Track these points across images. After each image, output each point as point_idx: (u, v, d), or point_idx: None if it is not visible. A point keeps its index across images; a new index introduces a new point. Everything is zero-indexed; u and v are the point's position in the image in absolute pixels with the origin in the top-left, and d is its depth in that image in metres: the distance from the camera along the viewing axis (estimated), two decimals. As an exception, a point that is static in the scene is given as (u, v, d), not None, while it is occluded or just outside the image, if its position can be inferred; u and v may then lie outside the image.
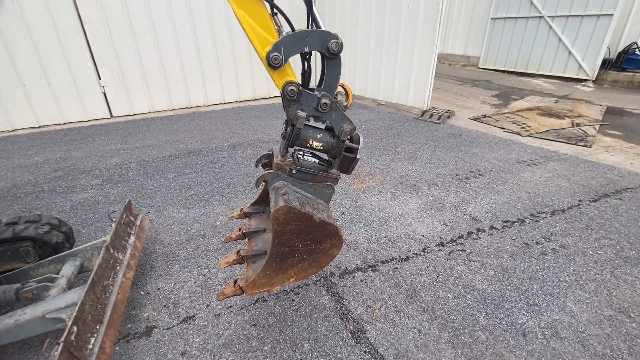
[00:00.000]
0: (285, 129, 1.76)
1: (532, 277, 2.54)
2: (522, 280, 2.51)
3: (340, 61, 1.59)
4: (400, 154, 4.85)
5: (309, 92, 1.61)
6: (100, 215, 3.44)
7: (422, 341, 2.05)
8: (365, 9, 7.35)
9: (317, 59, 1.66)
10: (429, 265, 2.66)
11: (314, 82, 1.59)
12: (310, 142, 1.72)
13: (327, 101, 1.61)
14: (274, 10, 1.55)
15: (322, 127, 1.73)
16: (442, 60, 13.69)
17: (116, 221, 2.44)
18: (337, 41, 1.52)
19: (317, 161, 1.85)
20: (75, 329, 1.59)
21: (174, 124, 6.44)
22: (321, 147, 1.75)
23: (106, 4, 6.14)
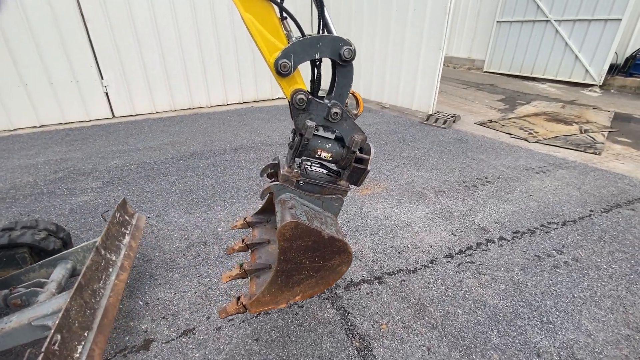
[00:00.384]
0: (292, 138, 1.68)
1: (545, 292, 2.44)
2: (534, 295, 2.41)
3: (352, 69, 1.51)
4: (405, 159, 4.77)
5: (319, 100, 1.53)
6: (100, 219, 3.36)
7: (432, 360, 1.96)
8: (370, 11, 7.27)
9: (326, 65, 1.57)
10: (437, 277, 2.58)
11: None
12: (318, 153, 1.64)
13: (337, 110, 1.53)
14: (283, 14, 1.46)
15: (332, 137, 1.65)
16: (446, 63, 13.59)
17: (109, 220, 2.34)
18: (350, 48, 1.44)
19: (325, 172, 1.77)
20: (58, 337, 1.47)
21: (176, 125, 6.37)
22: (330, 158, 1.66)
23: (109, 2, 6.08)
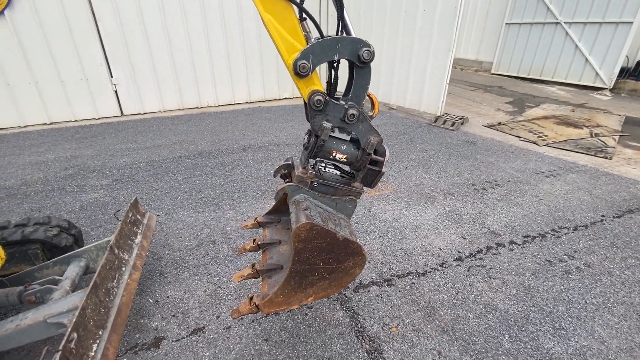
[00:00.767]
0: (307, 139, 1.68)
1: (557, 297, 2.42)
2: (546, 300, 2.39)
3: (370, 70, 1.51)
4: (413, 160, 4.75)
5: (336, 102, 1.53)
6: (109, 216, 3.39)
7: (443, 364, 1.95)
8: (379, 12, 7.25)
9: (342, 66, 1.57)
10: (447, 281, 2.56)
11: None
12: (334, 154, 1.64)
13: (354, 112, 1.53)
14: (302, 14, 1.46)
15: (347, 138, 1.65)
16: (453, 64, 13.41)
17: (122, 220, 2.36)
18: (369, 49, 1.44)
19: (338, 173, 1.77)
20: (75, 335, 1.49)
21: (184, 124, 6.40)
22: (345, 160, 1.66)
23: (120, 1, 6.12)
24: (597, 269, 2.71)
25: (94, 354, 1.56)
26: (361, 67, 1.49)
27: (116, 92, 6.71)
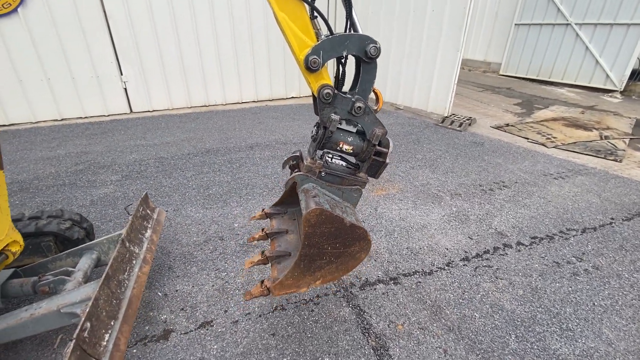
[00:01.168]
0: (316, 131, 1.75)
1: (565, 299, 2.41)
2: (553, 302, 2.38)
3: (376, 66, 1.58)
4: (420, 161, 4.74)
5: (344, 95, 1.60)
6: (119, 211, 3.44)
7: (449, 362, 1.95)
8: (387, 12, 7.25)
9: (349, 62, 1.63)
10: (453, 280, 2.56)
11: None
12: (340, 145, 1.71)
13: (361, 105, 1.60)
14: (313, 13, 1.52)
15: (353, 130, 1.73)
16: (461, 65, 13.40)
17: (132, 214, 2.40)
18: (376, 46, 1.51)
19: (344, 164, 1.85)
20: (88, 325, 1.53)
21: (192, 121, 6.46)
22: (351, 151, 1.74)
23: (131, 0, 6.20)
24: (606, 271, 2.69)
25: (106, 343, 1.59)
26: (368, 62, 1.56)
27: (125, 89, 6.80)
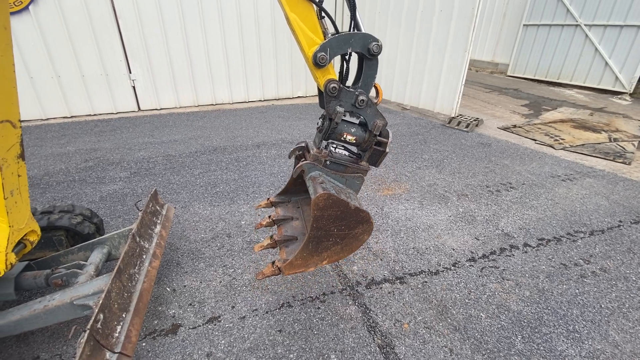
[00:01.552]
0: (321, 123, 1.86)
1: (571, 301, 2.40)
2: (560, 303, 2.37)
3: (377, 62, 1.68)
4: (427, 161, 4.74)
5: (348, 89, 1.70)
6: (128, 207, 3.49)
7: (454, 362, 1.96)
8: (395, 12, 7.24)
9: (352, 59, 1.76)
10: (460, 281, 2.56)
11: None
12: (344, 136, 1.83)
13: (364, 98, 1.70)
14: (321, 13, 1.62)
15: (356, 122, 1.84)
16: (469, 66, 13.33)
17: (142, 210, 2.44)
18: (378, 43, 1.62)
19: (347, 154, 1.95)
20: (101, 316, 1.57)
21: (199, 120, 6.51)
22: (354, 141, 1.85)
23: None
24: (613, 274, 2.68)
25: (118, 335, 1.63)
26: (370, 59, 1.66)
27: (134, 87, 6.87)
